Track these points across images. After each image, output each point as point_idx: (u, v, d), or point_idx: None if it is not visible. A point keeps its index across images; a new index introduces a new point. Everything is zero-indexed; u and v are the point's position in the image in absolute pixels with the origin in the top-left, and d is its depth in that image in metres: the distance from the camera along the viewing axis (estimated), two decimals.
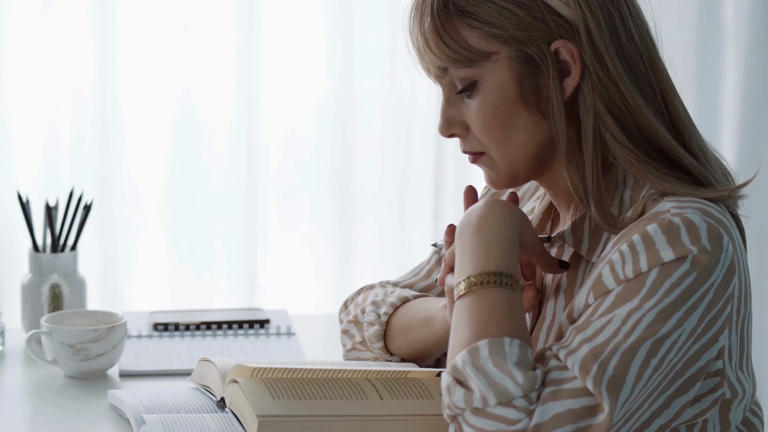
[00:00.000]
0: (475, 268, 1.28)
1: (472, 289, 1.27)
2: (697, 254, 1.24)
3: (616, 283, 1.26)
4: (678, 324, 1.23)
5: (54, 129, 2.94)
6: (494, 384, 1.20)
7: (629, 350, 1.21)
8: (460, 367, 1.22)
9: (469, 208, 1.35)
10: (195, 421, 1.43)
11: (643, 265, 1.24)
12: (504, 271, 1.28)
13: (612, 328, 1.23)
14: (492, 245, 1.29)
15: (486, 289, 1.27)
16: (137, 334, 1.95)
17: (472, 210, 1.33)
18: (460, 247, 1.32)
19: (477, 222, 1.31)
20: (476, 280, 1.27)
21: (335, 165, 3.08)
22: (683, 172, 1.32)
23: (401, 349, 1.59)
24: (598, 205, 1.32)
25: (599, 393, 1.19)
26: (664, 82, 1.35)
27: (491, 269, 1.28)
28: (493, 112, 1.34)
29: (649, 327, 1.22)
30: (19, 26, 2.88)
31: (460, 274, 1.30)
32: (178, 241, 3.04)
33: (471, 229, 1.31)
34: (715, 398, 1.29)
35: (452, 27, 1.33)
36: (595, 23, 1.31)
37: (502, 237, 1.30)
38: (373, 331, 1.60)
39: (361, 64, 3.05)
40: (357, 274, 3.11)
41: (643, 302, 1.23)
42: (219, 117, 3.01)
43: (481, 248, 1.29)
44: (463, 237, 1.32)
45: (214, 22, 2.97)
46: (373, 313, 1.61)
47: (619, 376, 1.20)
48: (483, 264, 1.28)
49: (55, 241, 1.99)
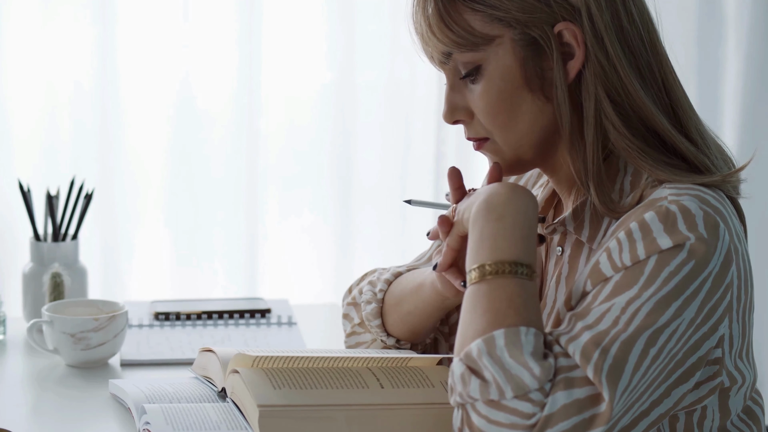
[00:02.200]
0: (494, 256, 1.27)
1: (487, 277, 1.26)
2: (694, 243, 1.24)
3: (614, 271, 1.26)
4: (677, 313, 1.23)
5: (54, 118, 2.94)
6: (511, 376, 1.19)
7: (628, 339, 1.21)
8: (476, 356, 1.21)
9: (487, 190, 1.32)
10: (196, 410, 1.43)
11: (641, 253, 1.25)
12: (524, 261, 1.27)
13: (612, 316, 1.23)
14: (515, 233, 1.28)
15: (504, 278, 1.26)
16: (138, 324, 1.95)
17: (493, 193, 1.31)
18: (477, 230, 1.30)
19: (500, 207, 1.29)
20: (495, 269, 1.26)
21: (335, 154, 3.08)
22: (680, 158, 1.32)
23: (396, 325, 1.58)
24: (598, 189, 1.32)
25: (599, 381, 1.20)
26: (665, 67, 1.35)
27: (512, 258, 1.26)
28: (498, 96, 1.34)
29: (647, 316, 1.22)
30: (19, 16, 2.88)
31: (477, 259, 1.28)
32: (178, 231, 3.05)
33: (493, 213, 1.29)
34: (713, 386, 1.30)
35: (456, 11, 1.33)
36: (597, 5, 1.31)
37: (525, 226, 1.29)
38: (370, 309, 1.59)
39: (362, 52, 3.05)
40: (357, 264, 3.11)
41: (642, 291, 1.23)
42: (219, 106, 3.01)
43: (503, 235, 1.28)
44: (481, 220, 1.30)
45: (215, 11, 2.96)
46: (370, 291, 1.61)
47: (619, 364, 1.21)
48: (504, 252, 1.27)
49: (56, 231, 1.99)
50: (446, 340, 1.60)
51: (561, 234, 1.41)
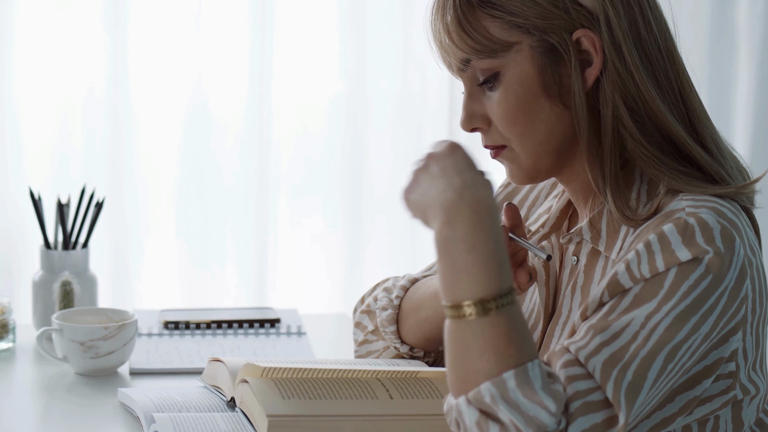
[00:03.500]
0: (475, 292, 1.21)
1: (471, 317, 1.21)
2: (712, 257, 1.23)
3: (632, 282, 1.25)
4: (694, 328, 1.23)
5: (66, 126, 2.95)
6: (530, 418, 1.18)
7: (648, 355, 1.21)
8: (489, 402, 1.19)
9: (447, 212, 1.23)
10: (205, 420, 1.43)
11: (660, 265, 1.24)
12: (506, 289, 1.22)
13: (631, 331, 1.22)
14: (489, 263, 1.22)
15: (492, 315, 1.21)
16: (148, 332, 1.95)
17: (455, 218, 1.22)
18: (448, 262, 1.23)
19: (468, 236, 1.22)
20: (482, 309, 1.21)
21: (346, 163, 3.08)
22: (695, 167, 1.32)
23: (412, 331, 1.57)
24: (615, 197, 1.32)
25: (618, 402, 1.19)
26: (681, 75, 1.35)
27: (495, 292, 1.21)
28: (516, 103, 1.33)
29: (666, 331, 1.22)
30: (31, 22, 2.89)
31: (454, 295, 1.22)
32: (188, 239, 3.05)
33: (462, 244, 1.22)
34: (727, 399, 1.30)
35: (474, 18, 1.33)
36: (615, 12, 1.31)
37: (498, 250, 1.22)
38: (385, 315, 1.59)
39: (373, 62, 3.05)
40: (367, 273, 3.11)
41: (662, 305, 1.23)
42: (230, 114, 3.02)
43: (478, 267, 1.22)
44: (451, 251, 1.22)
45: (227, 19, 2.97)
46: (386, 298, 1.60)
47: (638, 381, 1.20)
48: (485, 287, 1.21)
49: (66, 239, 1.99)
50: None
51: (576, 243, 1.41)
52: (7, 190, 2.93)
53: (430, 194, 1.25)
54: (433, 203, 1.25)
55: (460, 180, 1.24)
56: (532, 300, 1.48)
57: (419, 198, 1.27)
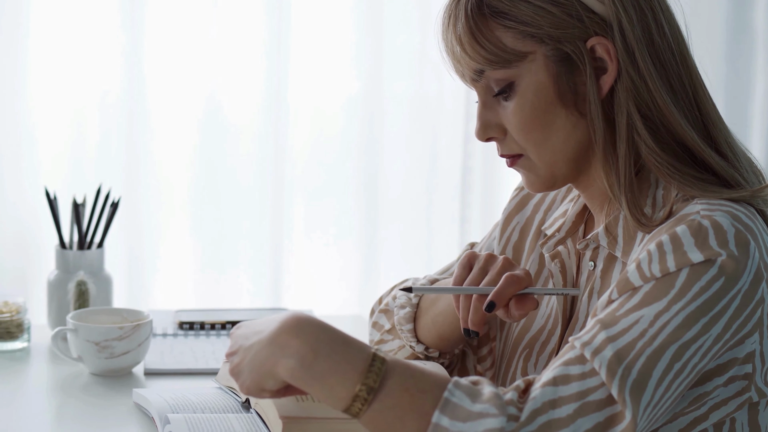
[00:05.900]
0: (348, 388, 1.22)
1: (365, 404, 1.22)
2: (725, 259, 1.23)
3: (643, 281, 1.25)
4: (704, 330, 1.22)
5: (82, 127, 2.95)
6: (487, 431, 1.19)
7: (654, 354, 1.21)
8: None
9: (273, 351, 1.26)
10: (220, 421, 1.43)
11: (671, 265, 1.24)
12: (367, 359, 1.23)
13: (639, 328, 1.22)
14: (334, 359, 1.24)
15: (379, 386, 1.22)
16: (162, 333, 1.95)
17: (286, 353, 1.25)
18: (312, 384, 1.24)
19: (319, 362, 1.24)
20: (366, 391, 1.22)
21: (362, 166, 3.08)
22: (710, 172, 1.32)
23: (426, 327, 1.57)
24: (630, 203, 1.32)
25: (623, 399, 1.19)
26: (695, 79, 1.34)
27: (363, 371, 1.23)
28: (531, 113, 1.33)
29: (675, 330, 1.22)
30: (47, 26, 2.89)
31: (339, 402, 1.23)
32: (203, 241, 3.05)
33: (311, 371, 1.24)
34: (742, 401, 1.29)
35: (487, 28, 1.33)
36: (628, 19, 1.31)
37: (333, 341, 1.25)
38: (403, 314, 1.59)
39: (389, 65, 3.05)
40: (382, 276, 3.11)
41: (671, 304, 1.23)
42: (246, 117, 3.02)
43: (337, 371, 1.23)
44: (306, 377, 1.24)
45: (243, 22, 2.97)
46: (404, 296, 1.60)
47: (643, 379, 1.20)
48: (352, 376, 1.23)
49: (81, 239, 1.99)
50: (474, 352, 1.60)
51: (593, 249, 1.41)
52: (23, 191, 2.94)
53: (258, 360, 1.28)
54: (265, 364, 1.27)
55: (266, 337, 1.27)
56: (549, 305, 1.47)
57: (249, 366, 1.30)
